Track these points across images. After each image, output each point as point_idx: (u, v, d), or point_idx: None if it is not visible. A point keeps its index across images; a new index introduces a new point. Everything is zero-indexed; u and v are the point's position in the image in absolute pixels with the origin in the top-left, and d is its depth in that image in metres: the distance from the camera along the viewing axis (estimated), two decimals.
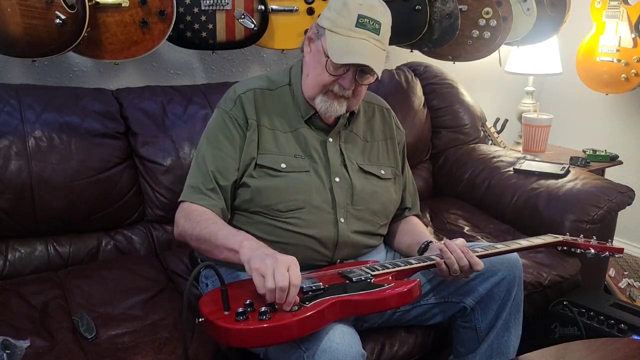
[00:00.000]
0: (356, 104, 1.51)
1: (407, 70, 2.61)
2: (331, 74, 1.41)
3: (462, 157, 2.52)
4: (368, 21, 1.36)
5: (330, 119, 1.51)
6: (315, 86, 1.44)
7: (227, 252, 1.28)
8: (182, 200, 1.45)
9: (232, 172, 1.44)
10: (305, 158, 1.49)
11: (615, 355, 1.38)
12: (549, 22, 2.55)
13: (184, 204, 1.43)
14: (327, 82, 1.42)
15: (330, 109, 1.44)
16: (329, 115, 1.47)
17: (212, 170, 1.43)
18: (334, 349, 1.16)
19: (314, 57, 1.45)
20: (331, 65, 1.40)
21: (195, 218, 1.37)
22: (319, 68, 1.42)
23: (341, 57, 1.37)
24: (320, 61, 1.42)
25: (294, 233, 1.44)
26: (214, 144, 1.46)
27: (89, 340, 1.40)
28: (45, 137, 1.79)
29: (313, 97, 1.46)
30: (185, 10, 1.90)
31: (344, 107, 1.45)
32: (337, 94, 1.43)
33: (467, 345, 1.55)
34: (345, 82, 1.41)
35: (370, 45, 1.37)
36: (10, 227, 1.76)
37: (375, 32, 1.37)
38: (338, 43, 1.38)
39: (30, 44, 1.64)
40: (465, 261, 1.37)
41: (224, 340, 1.18)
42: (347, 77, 1.40)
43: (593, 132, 3.15)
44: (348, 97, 1.44)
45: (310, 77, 1.46)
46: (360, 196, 1.51)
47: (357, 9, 1.37)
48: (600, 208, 2.04)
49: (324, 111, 1.45)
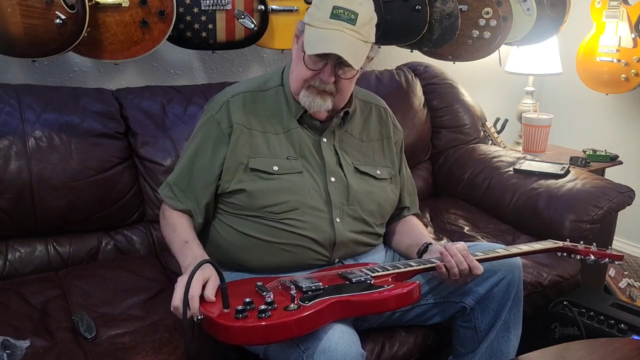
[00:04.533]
0: (343, 101, 1.50)
1: (407, 70, 2.61)
2: (310, 68, 1.41)
3: (462, 157, 2.52)
4: (343, 12, 1.36)
5: (321, 115, 1.50)
6: (298, 81, 1.45)
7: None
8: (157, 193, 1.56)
9: (210, 176, 1.47)
10: (298, 159, 1.49)
11: (615, 355, 1.38)
12: (549, 22, 2.55)
13: (163, 206, 1.54)
14: (307, 77, 1.42)
15: (314, 104, 1.43)
16: (314, 111, 1.46)
17: (190, 173, 1.48)
18: (333, 348, 1.16)
19: (297, 53, 1.46)
20: (309, 59, 1.40)
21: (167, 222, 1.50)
22: (300, 63, 1.43)
23: (313, 48, 1.37)
24: (300, 56, 1.42)
25: (292, 234, 1.44)
26: (196, 146, 1.50)
27: (89, 340, 1.40)
28: (45, 137, 1.79)
29: (297, 93, 1.46)
30: (185, 10, 1.90)
31: (329, 102, 1.44)
32: (319, 89, 1.42)
33: (467, 345, 1.55)
34: (324, 76, 1.40)
35: (345, 36, 1.36)
36: (10, 227, 1.76)
37: (351, 23, 1.36)
38: (313, 35, 1.38)
39: (30, 44, 1.64)
40: (465, 265, 1.37)
41: (223, 337, 1.18)
42: (326, 71, 1.40)
43: (593, 132, 3.15)
44: (332, 92, 1.43)
45: (294, 72, 1.47)
46: (356, 196, 1.51)
47: (332, 1, 1.37)
48: (600, 208, 2.04)
49: (307, 107, 1.45)
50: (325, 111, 1.48)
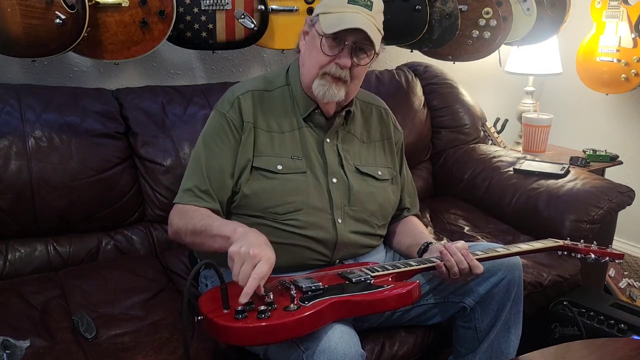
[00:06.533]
0: (355, 90, 1.50)
1: (407, 70, 2.61)
2: (326, 53, 1.40)
3: (462, 157, 2.52)
4: None
5: (330, 108, 1.50)
6: (312, 69, 1.44)
7: (222, 241, 1.28)
8: (176, 203, 1.46)
9: (227, 175, 1.44)
10: (302, 159, 1.49)
11: (615, 355, 1.38)
12: (549, 22, 2.55)
13: (178, 205, 1.45)
14: (323, 63, 1.41)
15: (329, 92, 1.42)
16: (327, 101, 1.45)
17: (207, 173, 1.44)
18: (333, 348, 1.16)
19: (310, 44, 1.45)
20: (326, 44, 1.40)
21: (190, 214, 1.39)
22: (314, 51, 1.43)
23: (335, 27, 1.37)
24: (315, 44, 1.42)
25: (293, 234, 1.44)
26: (210, 145, 1.46)
27: (89, 340, 1.40)
28: (45, 137, 1.79)
29: (310, 83, 1.45)
30: (185, 10, 1.90)
31: (342, 91, 1.44)
32: (334, 76, 1.42)
33: (467, 345, 1.55)
34: (342, 61, 1.40)
35: (364, 18, 1.38)
36: (10, 227, 1.76)
37: (368, 8, 1.39)
38: (331, 18, 1.39)
39: (30, 44, 1.64)
40: (465, 264, 1.37)
41: (223, 338, 1.18)
42: (343, 55, 1.40)
43: (593, 132, 3.15)
44: (346, 80, 1.43)
45: (307, 63, 1.46)
46: (357, 197, 1.51)
47: None
48: (600, 208, 2.04)
49: (322, 96, 1.43)
50: (335, 103, 1.48)
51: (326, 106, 1.49)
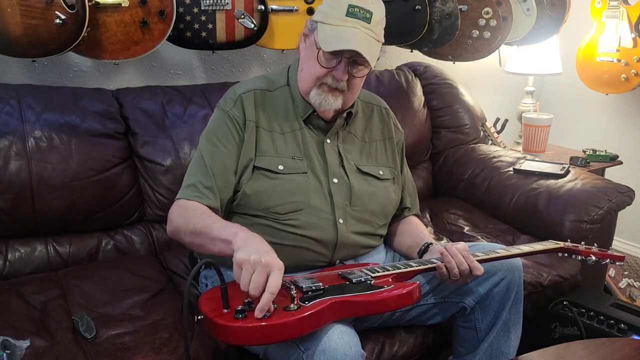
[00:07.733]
0: (352, 99, 1.50)
1: (407, 70, 2.61)
2: (323, 65, 1.41)
3: (462, 157, 2.52)
4: (358, 10, 1.36)
5: (328, 114, 1.50)
6: (309, 80, 1.44)
7: (222, 244, 1.25)
8: (178, 198, 1.44)
9: (231, 172, 1.44)
10: (303, 159, 1.49)
11: (615, 355, 1.38)
12: (549, 22, 2.55)
13: (179, 201, 1.43)
14: (320, 75, 1.42)
15: (325, 102, 1.43)
16: (324, 110, 1.46)
17: (211, 170, 1.43)
18: (333, 349, 1.15)
19: (308, 52, 1.45)
20: (323, 57, 1.40)
21: (190, 213, 1.37)
22: (312, 61, 1.43)
23: (331, 45, 1.37)
24: (313, 54, 1.42)
25: (294, 235, 1.44)
26: (214, 143, 1.46)
27: (89, 340, 1.40)
28: (45, 137, 1.79)
29: (308, 92, 1.46)
30: (185, 10, 1.90)
31: (340, 101, 1.44)
32: (331, 87, 1.42)
33: (467, 345, 1.55)
34: (338, 73, 1.40)
35: (361, 34, 1.37)
36: (10, 227, 1.76)
37: (366, 21, 1.37)
38: (329, 33, 1.38)
39: (30, 44, 1.64)
40: (466, 265, 1.37)
41: (223, 338, 1.18)
42: (340, 68, 1.40)
43: (593, 132, 3.15)
44: (343, 90, 1.43)
45: (304, 71, 1.47)
46: (359, 197, 1.51)
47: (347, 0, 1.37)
48: (600, 208, 2.04)
49: (318, 105, 1.44)
50: (333, 110, 1.48)
51: (324, 112, 1.49)
